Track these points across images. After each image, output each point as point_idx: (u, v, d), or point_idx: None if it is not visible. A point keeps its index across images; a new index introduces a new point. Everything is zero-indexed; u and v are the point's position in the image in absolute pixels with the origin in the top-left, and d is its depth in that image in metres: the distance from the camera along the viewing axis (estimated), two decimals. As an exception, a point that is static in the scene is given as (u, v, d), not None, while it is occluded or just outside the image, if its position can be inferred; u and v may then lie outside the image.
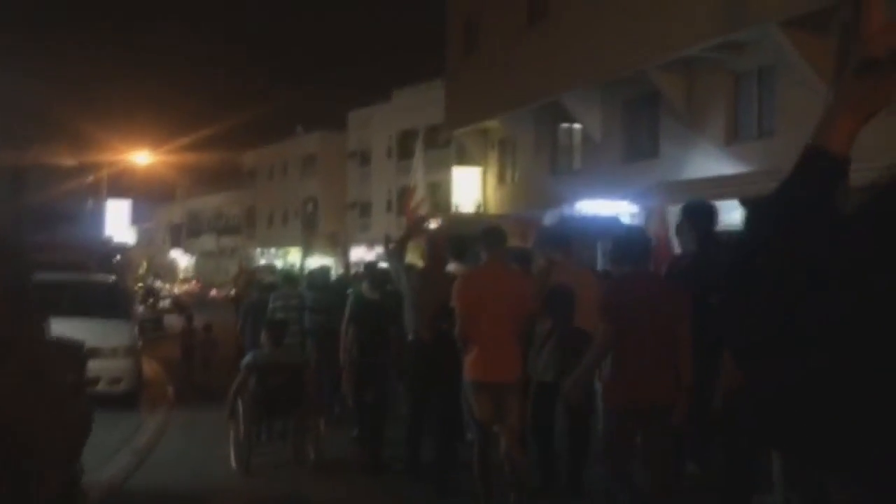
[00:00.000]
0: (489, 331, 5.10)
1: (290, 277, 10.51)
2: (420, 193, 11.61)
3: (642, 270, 4.63)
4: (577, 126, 19.68)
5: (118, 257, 37.30)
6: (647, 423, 4.44)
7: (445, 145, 32.52)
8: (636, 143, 17.33)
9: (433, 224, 17.16)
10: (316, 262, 15.55)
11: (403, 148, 38.40)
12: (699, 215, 4.96)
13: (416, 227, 6.81)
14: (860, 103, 1.24)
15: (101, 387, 9.88)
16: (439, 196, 35.02)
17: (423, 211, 9.50)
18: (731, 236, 4.78)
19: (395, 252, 6.49)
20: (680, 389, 4.38)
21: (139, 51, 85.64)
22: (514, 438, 5.21)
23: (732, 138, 14.87)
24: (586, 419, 5.79)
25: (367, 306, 7.34)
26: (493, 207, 23.32)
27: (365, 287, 7.71)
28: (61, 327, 9.69)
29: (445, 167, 28.41)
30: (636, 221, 13.68)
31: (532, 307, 5.31)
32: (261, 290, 10.68)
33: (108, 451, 7.27)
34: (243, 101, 68.13)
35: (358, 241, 38.74)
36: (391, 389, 7.43)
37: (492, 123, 22.39)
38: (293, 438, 7.04)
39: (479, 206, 23.82)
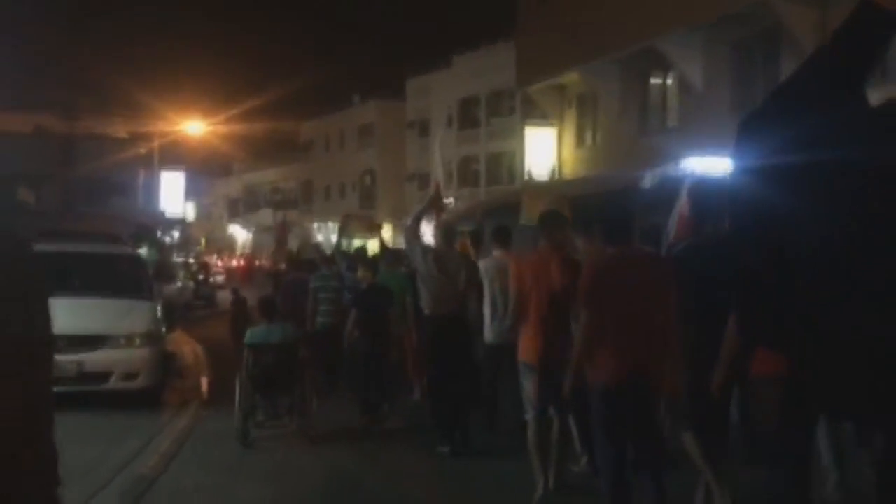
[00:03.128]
0: (544, 314, 5.22)
1: (329, 258, 10.73)
2: (440, 176, 11.69)
3: (625, 249, 4.63)
4: (670, 80, 17.21)
5: (176, 233, 36.27)
6: (634, 400, 4.48)
7: (510, 113, 30.42)
8: (749, 91, 14.78)
9: (450, 201, 17.02)
10: (352, 245, 14.74)
11: (465, 116, 36.74)
12: (697, 195, 4.92)
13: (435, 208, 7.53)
14: None
15: (112, 383, 8.04)
16: (502, 166, 32.88)
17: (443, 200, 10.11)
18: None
19: (410, 232, 6.95)
20: (670, 366, 4.45)
21: (191, 19, 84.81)
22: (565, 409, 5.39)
23: (878, 81, 12.22)
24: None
25: (367, 289, 8.08)
26: (571, 171, 20.95)
27: (360, 272, 8.62)
28: (66, 308, 7.83)
29: (510, 135, 26.37)
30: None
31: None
32: (298, 267, 10.78)
33: (95, 485, 5.31)
34: (298, 69, 66.64)
35: (417, 214, 36.90)
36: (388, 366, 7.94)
37: (570, 77, 19.97)
38: (292, 414, 7.32)
39: (553, 170, 21.45)
